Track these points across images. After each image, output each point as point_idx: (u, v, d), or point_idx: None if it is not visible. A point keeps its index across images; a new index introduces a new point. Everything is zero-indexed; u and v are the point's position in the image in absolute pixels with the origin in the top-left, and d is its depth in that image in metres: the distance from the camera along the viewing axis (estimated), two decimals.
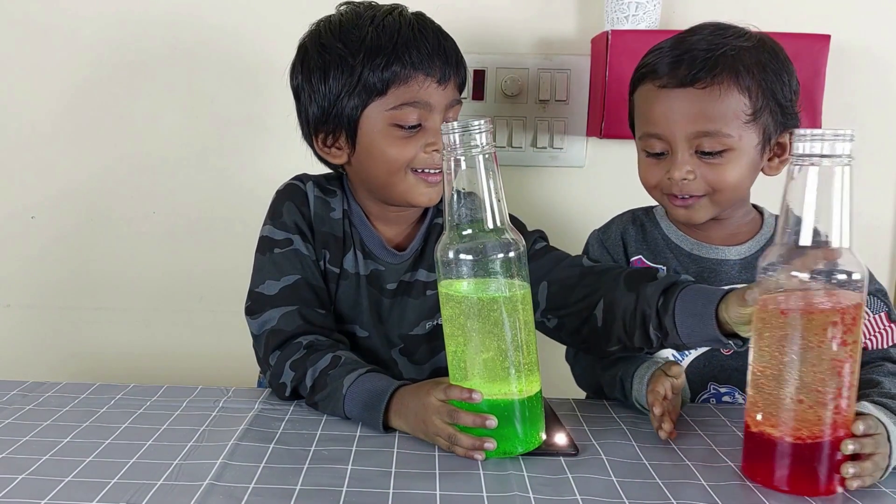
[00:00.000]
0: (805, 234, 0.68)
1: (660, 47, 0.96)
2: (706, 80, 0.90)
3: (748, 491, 0.71)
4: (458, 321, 0.76)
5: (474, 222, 0.75)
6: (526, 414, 0.76)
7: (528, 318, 0.77)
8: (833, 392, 0.68)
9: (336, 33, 0.94)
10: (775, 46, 0.95)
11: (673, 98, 0.92)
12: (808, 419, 0.68)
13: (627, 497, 0.69)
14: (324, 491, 0.69)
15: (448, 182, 0.76)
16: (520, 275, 0.76)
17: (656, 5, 1.27)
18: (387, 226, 1.03)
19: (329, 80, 0.94)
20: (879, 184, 1.43)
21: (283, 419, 0.86)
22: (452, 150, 0.75)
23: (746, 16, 1.00)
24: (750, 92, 0.91)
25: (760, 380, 0.71)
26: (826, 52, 1.26)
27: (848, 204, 0.67)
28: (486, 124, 0.75)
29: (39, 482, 0.70)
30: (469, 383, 0.77)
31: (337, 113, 0.94)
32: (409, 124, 0.93)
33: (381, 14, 0.94)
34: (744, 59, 0.91)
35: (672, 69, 0.92)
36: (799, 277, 0.68)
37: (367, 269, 1.01)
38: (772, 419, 0.70)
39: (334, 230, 1.00)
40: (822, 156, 0.67)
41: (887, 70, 1.39)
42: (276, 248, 0.98)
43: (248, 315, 0.97)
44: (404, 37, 0.92)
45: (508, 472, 0.73)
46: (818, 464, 0.69)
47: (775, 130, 0.94)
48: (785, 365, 0.68)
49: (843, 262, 0.68)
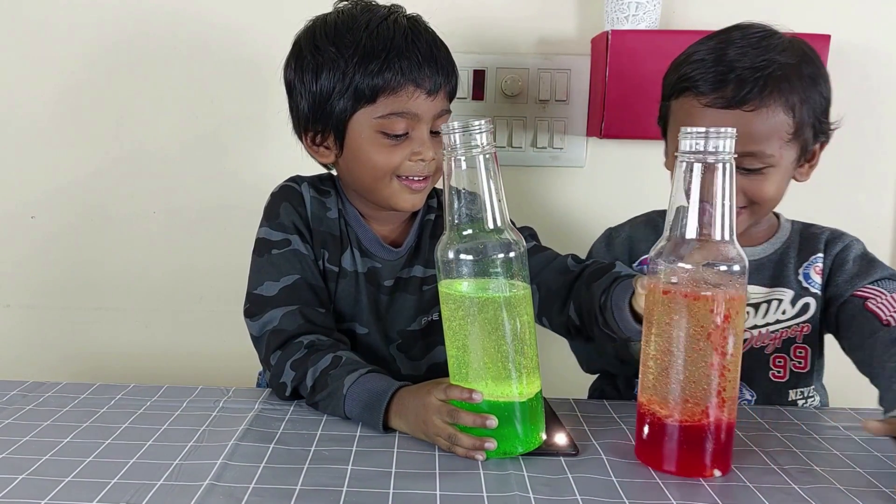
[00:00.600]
0: (690, 227, 0.71)
1: (701, 59, 0.94)
2: (755, 103, 0.89)
3: (748, 491, 0.71)
4: (459, 321, 0.76)
5: (475, 222, 0.75)
6: (526, 414, 0.76)
7: (528, 319, 0.77)
8: (712, 377, 0.71)
9: (330, 35, 0.94)
10: (814, 56, 0.94)
11: (719, 118, 0.91)
12: (689, 402, 0.71)
13: (627, 497, 0.69)
14: (324, 491, 0.69)
15: (448, 182, 0.76)
16: (520, 275, 0.76)
17: (656, 5, 1.27)
18: (380, 224, 1.04)
19: (321, 80, 0.94)
20: (879, 184, 1.43)
21: (283, 419, 0.86)
22: (453, 150, 0.75)
23: (746, 16, 1.00)
24: (794, 111, 0.91)
25: (648, 363, 0.74)
26: (826, 52, 1.26)
27: (730, 198, 0.70)
28: (487, 124, 0.75)
29: (39, 482, 0.70)
30: (469, 384, 0.77)
31: (326, 114, 0.95)
32: (395, 133, 0.93)
33: (376, 18, 0.94)
34: (791, 78, 0.90)
35: (718, 88, 0.91)
36: (684, 268, 0.71)
37: (365, 266, 1.02)
38: (658, 402, 0.73)
39: (331, 229, 1.01)
40: (705, 152, 0.70)
41: (887, 70, 1.39)
42: (273, 248, 0.98)
43: (247, 317, 0.96)
44: (397, 45, 0.92)
45: (508, 472, 0.73)
46: (702, 446, 0.72)
47: (812, 142, 0.95)
48: (668, 350, 0.72)
49: (725, 254, 0.71)
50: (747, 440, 0.82)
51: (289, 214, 0.99)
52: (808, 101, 0.91)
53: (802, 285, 0.99)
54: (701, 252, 0.70)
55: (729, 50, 0.92)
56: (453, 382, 0.78)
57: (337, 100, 0.94)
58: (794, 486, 0.72)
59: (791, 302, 0.98)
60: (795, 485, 0.72)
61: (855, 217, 1.43)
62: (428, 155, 0.94)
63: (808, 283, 0.99)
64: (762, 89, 0.89)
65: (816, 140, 0.96)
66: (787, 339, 0.98)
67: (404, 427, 0.82)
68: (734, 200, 0.71)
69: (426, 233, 1.05)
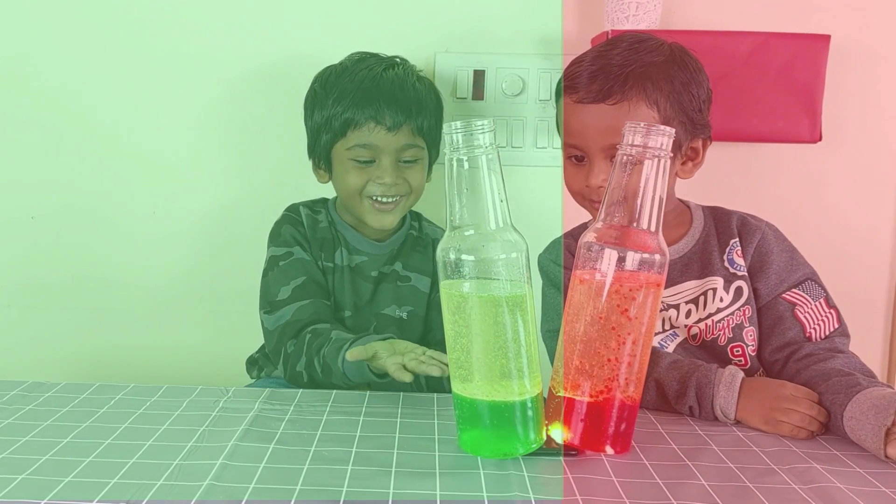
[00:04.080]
0: (620, 216, 0.77)
1: (581, 59, 1.00)
2: (617, 97, 0.95)
3: (748, 491, 0.71)
4: (460, 321, 0.76)
5: (476, 223, 0.75)
6: (527, 415, 0.76)
7: (529, 319, 0.76)
8: (617, 356, 0.76)
9: (326, 80, 1.18)
10: (686, 58, 0.99)
11: (587, 113, 0.97)
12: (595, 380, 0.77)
13: (627, 497, 0.69)
14: (324, 491, 0.69)
15: (450, 182, 0.76)
16: (522, 276, 0.76)
17: (656, 5, 1.27)
18: (368, 229, 1.22)
19: (315, 117, 1.19)
20: (879, 184, 1.43)
21: (283, 419, 0.86)
22: (455, 149, 0.75)
23: (746, 16, 1.00)
24: (658, 105, 0.95)
25: (566, 344, 0.79)
26: (826, 52, 1.26)
27: (660, 192, 0.76)
28: (490, 124, 0.75)
29: (39, 482, 0.70)
30: (470, 384, 0.77)
31: (319, 144, 1.19)
32: (362, 159, 1.15)
33: (362, 69, 1.16)
34: (652, 74, 0.95)
35: (587, 85, 0.96)
36: (610, 254, 0.76)
37: (353, 262, 1.22)
38: (568, 381, 0.79)
39: (324, 235, 1.22)
40: (641, 147, 0.75)
41: (887, 70, 1.39)
42: (280, 261, 1.17)
43: (263, 313, 1.15)
44: (364, 88, 1.13)
45: (508, 472, 0.73)
46: (607, 422, 0.78)
47: (686, 139, 0.99)
48: (585, 329, 0.77)
49: (648, 244, 0.76)
50: (748, 440, 0.83)
51: (289, 233, 1.19)
52: (673, 98, 0.96)
53: (730, 271, 1.01)
54: (626, 240, 0.76)
55: (608, 53, 0.98)
56: (454, 381, 0.78)
57: (324, 133, 1.17)
58: (794, 486, 0.72)
59: (724, 289, 1.00)
60: (796, 485, 0.72)
61: (855, 217, 1.44)
62: (386, 179, 1.15)
63: (735, 268, 1.01)
64: (623, 83, 0.94)
65: (693, 137, 1.00)
66: (736, 325, 0.99)
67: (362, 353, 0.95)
68: (664, 195, 0.76)
69: (409, 241, 1.26)
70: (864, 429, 0.78)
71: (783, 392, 0.86)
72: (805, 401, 0.85)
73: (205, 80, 1.40)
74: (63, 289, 1.47)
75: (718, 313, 1.00)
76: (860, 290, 1.43)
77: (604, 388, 0.77)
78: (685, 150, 1.00)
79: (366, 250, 1.22)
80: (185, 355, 1.48)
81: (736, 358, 0.99)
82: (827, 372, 0.89)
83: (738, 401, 0.86)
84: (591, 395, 0.77)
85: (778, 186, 1.42)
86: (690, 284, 1.01)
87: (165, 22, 1.39)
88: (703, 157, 1.02)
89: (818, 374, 0.90)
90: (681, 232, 1.05)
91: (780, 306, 0.99)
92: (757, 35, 1.26)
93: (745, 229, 1.03)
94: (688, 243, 1.04)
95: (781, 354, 0.97)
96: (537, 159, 1.42)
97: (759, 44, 1.25)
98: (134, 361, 1.49)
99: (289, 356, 1.09)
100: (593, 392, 0.77)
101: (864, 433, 0.79)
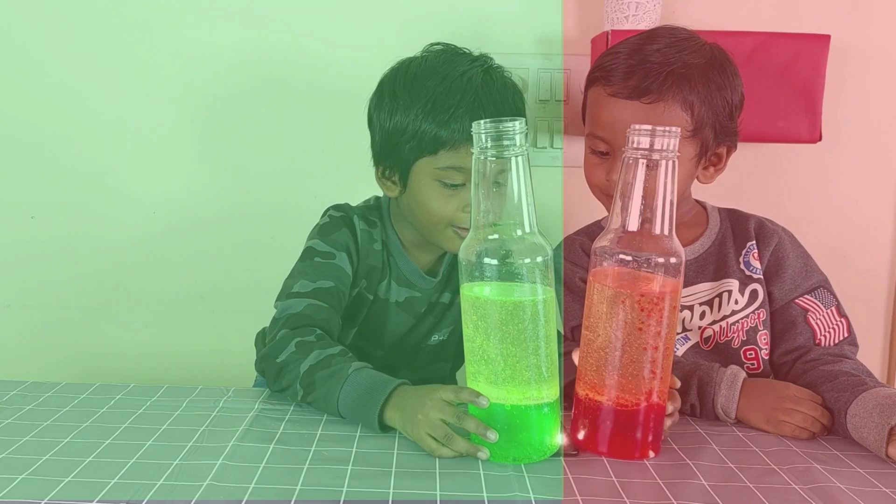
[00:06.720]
0: (633, 221, 0.75)
1: (618, 52, 0.97)
2: (653, 96, 0.92)
3: (749, 491, 0.71)
4: (480, 325, 0.75)
5: (502, 224, 0.74)
6: (543, 421, 0.75)
7: (551, 325, 0.75)
8: (644, 363, 0.75)
9: (408, 82, 0.99)
10: (725, 63, 0.97)
11: (620, 108, 0.94)
12: (624, 389, 0.75)
13: (627, 497, 0.69)
14: (324, 491, 0.69)
15: (478, 181, 0.75)
16: (545, 280, 0.74)
17: (656, 5, 1.27)
18: (422, 253, 1.09)
19: (393, 123, 0.99)
20: (880, 184, 1.43)
21: (283, 419, 0.86)
22: (484, 149, 0.74)
23: (746, 16, 1.00)
24: (693, 109, 0.93)
25: (586, 350, 0.78)
26: (826, 52, 1.26)
27: (671, 194, 0.74)
28: (521, 125, 0.73)
29: (39, 482, 0.70)
30: (486, 388, 0.76)
31: (395, 154, 1.00)
32: (453, 183, 0.98)
33: (454, 73, 0.97)
34: (691, 76, 0.93)
35: (624, 79, 0.94)
36: (625, 260, 0.75)
37: (402, 296, 1.09)
38: (595, 387, 0.77)
39: (375, 261, 1.07)
40: (650, 149, 0.73)
41: (887, 70, 1.39)
42: (316, 257, 1.03)
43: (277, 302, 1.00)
44: (465, 103, 0.95)
45: (508, 473, 0.73)
46: (634, 430, 0.76)
47: (713, 143, 0.97)
48: (607, 337, 0.76)
49: (664, 248, 0.74)
50: (748, 441, 0.83)
51: (344, 238, 1.05)
52: (708, 103, 0.93)
53: (746, 273, 1.01)
54: (641, 245, 0.74)
55: (647, 46, 0.95)
56: (470, 386, 0.78)
57: (404, 144, 0.98)
58: (795, 486, 0.72)
59: (739, 291, 1.00)
60: (796, 485, 0.72)
61: (855, 217, 1.44)
62: None
63: (751, 270, 1.01)
64: (662, 83, 0.92)
65: (720, 143, 0.98)
66: (750, 328, 0.99)
67: (398, 419, 0.81)
68: (675, 196, 0.74)
69: (453, 260, 1.09)
70: (867, 427, 0.79)
71: (787, 392, 0.86)
72: (808, 402, 0.85)
73: (205, 80, 1.40)
74: (63, 289, 1.47)
75: (733, 315, 0.99)
76: (860, 290, 1.43)
77: (638, 398, 0.75)
78: (710, 156, 0.98)
79: (418, 285, 1.09)
80: (185, 355, 1.48)
81: (749, 361, 0.98)
82: (833, 373, 0.89)
83: (740, 400, 0.86)
84: (623, 404, 0.76)
85: (778, 186, 1.43)
86: (705, 286, 1.01)
87: (165, 22, 1.39)
88: (725, 163, 1.00)
89: (824, 374, 0.90)
90: (697, 233, 1.04)
91: (792, 311, 0.99)
92: (757, 35, 1.26)
93: (762, 232, 1.02)
94: (703, 244, 1.03)
95: (789, 357, 0.97)
96: (537, 159, 1.41)
97: (760, 44, 1.25)
98: (134, 361, 1.49)
99: (276, 342, 0.93)
100: (626, 402, 0.76)
101: (866, 431, 0.79)
